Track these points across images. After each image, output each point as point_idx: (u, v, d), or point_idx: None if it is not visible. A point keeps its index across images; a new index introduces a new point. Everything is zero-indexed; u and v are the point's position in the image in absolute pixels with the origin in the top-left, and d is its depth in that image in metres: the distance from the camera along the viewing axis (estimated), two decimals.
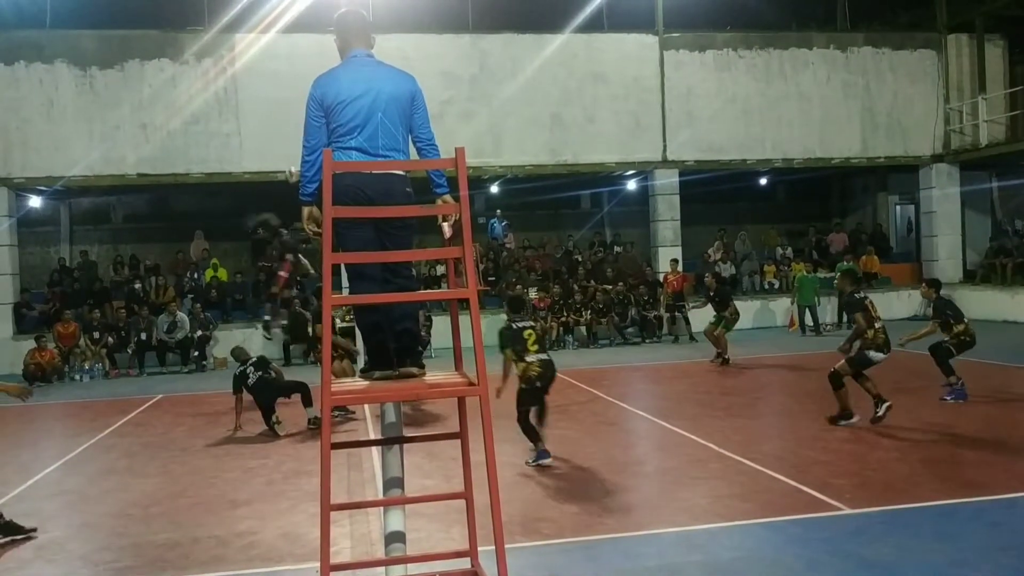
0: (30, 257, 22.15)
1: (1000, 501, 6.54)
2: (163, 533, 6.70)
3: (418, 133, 4.09)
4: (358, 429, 10.48)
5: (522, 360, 8.22)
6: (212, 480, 8.36)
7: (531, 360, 8.21)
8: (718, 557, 5.70)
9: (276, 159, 18.30)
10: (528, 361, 8.21)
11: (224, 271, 21.12)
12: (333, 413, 10.73)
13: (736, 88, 21.17)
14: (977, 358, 14.31)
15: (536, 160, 20.28)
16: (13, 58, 18.19)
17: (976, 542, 5.71)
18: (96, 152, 18.37)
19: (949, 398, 10.63)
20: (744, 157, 21.35)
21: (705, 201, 23.41)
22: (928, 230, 22.98)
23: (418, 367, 3.98)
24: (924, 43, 22.35)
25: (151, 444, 10.26)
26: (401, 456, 3.99)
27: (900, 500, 6.67)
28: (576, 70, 20.35)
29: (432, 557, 4.36)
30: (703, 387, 12.84)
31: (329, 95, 3.94)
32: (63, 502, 7.61)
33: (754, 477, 7.56)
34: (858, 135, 21.87)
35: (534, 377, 8.23)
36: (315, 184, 3.93)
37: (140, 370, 17.61)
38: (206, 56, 18.75)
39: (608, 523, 6.48)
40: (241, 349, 11.21)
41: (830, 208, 27.43)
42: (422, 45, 18.94)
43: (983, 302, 20.95)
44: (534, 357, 8.23)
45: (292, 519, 6.91)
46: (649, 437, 9.82)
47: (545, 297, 19.56)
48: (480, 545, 3.87)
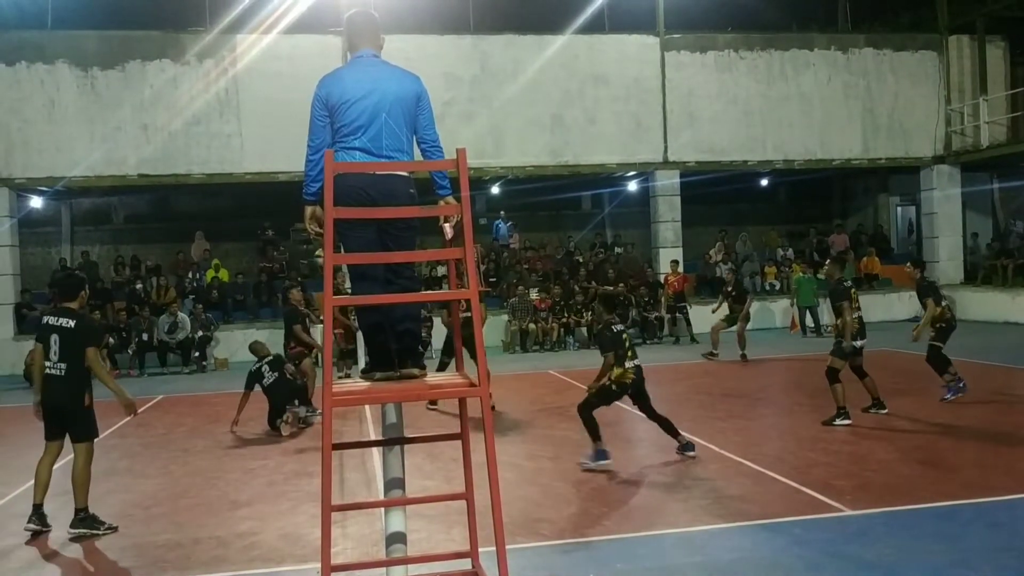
0: (31, 257, 22.17)
1: (1001, 502, 6.54)
2: (164, 534, 6.71)
3: (423, 134, 4.08)
4: (359, 430, 10.48)
5: (621, 365, 7.99)
6: (213, 481, 8.36)
7: (629, 367, 8.01)
8: (718, 558, 5.70)
9: (277, 160, 18.38)
10: (626, 367, 8.00)
11: (225, 272, 21.15)
12: (307, 410, 10.80)
13: (737, 89, 21.18)
14: (977, 359, 14.34)
15: (537, 161, 20.29)
16: (15, 58, 18.20)
17: (977, 543, 5.71)
18: (97, 152, 18.39)
19: (949, 396, 10.65)
20: (745, 158, 21.36)
21: (706, 202, 23.41)
22: (929, 231, 22.97)
23: (419, 368, 3.98)
24: (925, 44, 22.35)
25: (152, 445, 10.27)
26: (402, 457, 3.99)
27: (901, 501, 6.67)
28: (577, 71, 20.36)
29: (433, 558, 4.36)
30: (704, 388, 12.84)
31: (334, 95, 3.95)
32: (64, 503, 7.60)
33: (754, 478, 7.57)
34: (859, 136, 21.87)
35: (628, 384, 8.05)
36: (318, 184, 3.93)
37: (141, 371, 17.61)
38: (207, 57, 18.77)
39: (608, 524, 6.48)
40: (261, 344, 11.08)
41: (831, 209, 27.43)
42: (423, 46, 18.95)
43: (984, 303, 20.97)
44: (631, 364, 8.02)
45: (293, 520, 6.92)
46: (649, 438, 9.81)
47: (546, 298, 19.57)
48: (481, 546, 3.87)
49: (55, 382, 6.72)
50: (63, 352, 6.67)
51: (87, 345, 6.75)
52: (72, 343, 6.68)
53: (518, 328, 19.01)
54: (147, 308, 18.71)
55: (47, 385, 6.77)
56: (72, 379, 6.69)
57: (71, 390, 6.70)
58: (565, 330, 19.29)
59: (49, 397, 6.76)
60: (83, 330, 6.80)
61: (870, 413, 9.90)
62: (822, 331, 19.42)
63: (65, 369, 6.68)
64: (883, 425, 9.45)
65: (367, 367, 4.09)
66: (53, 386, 6.72)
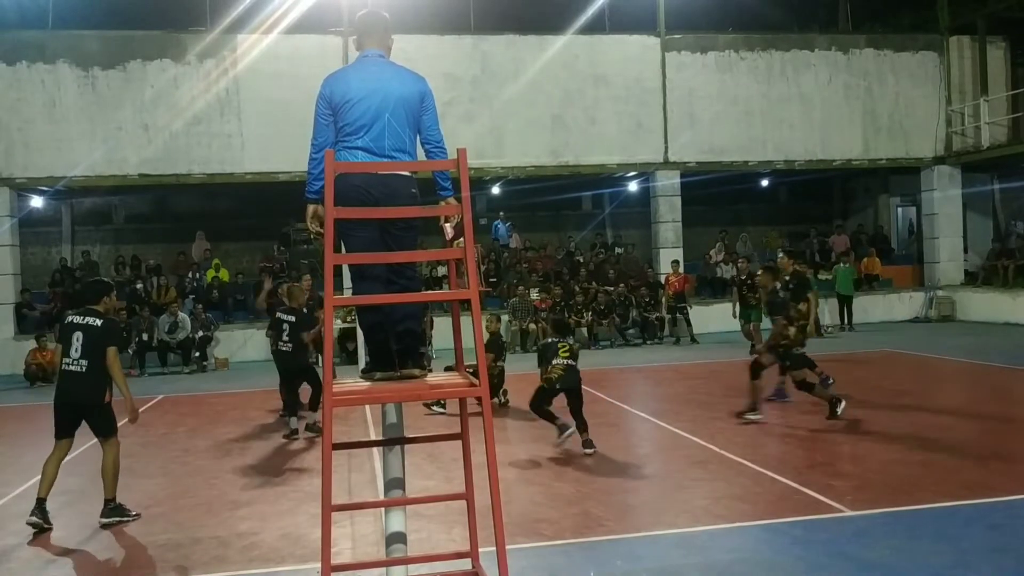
0: (32, 257, 22.20)
1: (1000, 503, 6.53)
2: (164, 534, 6.71)
3: (427, 135, 4.09)
4: (359, 430, 10.48)
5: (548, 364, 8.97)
6: (213, 481, 8.36)
7: (556, 363, 8.87)
8: (718, 559, 5.70)
9: (278, 160, 18.39)
10: (553, 364, 8.89)
11: (225, 272, 21.16)
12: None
13: (738, 90, 21.17)
14: (978, 359, 14.35)
15: (538, 161, 20.29)
16: (15, 58, 18.21)
17: (977, 544, 5.71)
18: (98, 152, 18.39)
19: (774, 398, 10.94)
20: (745, 159, 21.36)
21: (706, 203, 23.43)
22: (930, 232, 22.97)
23: (420, 368, 3.98)
24: (926, 45, 22.35)
25: (152, 444, 10.26)
26: (402, 457, 3.99)
27: (901, 502, 6.67)
28: (578, 71, 20.36)
29: (433, 558, 4.36)
30: (704, 388, 12.83)
31: (337, 94, 3.96)
32: (64, 502, 7.61)
33: (755, 479, 7.56)
34: (859, 137, 21.87)
35: (554, 380, 8.84)
36: (321, 182, 3.93)
37: (141, 370, 17.63)
38: (208, 57, 18.77)
39: (609, 524, 6.48)
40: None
41: (831, 210, 27.44)
42: (424, 46, 18.95)
43: (984, 304, 20.97)
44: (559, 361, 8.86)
45: (293, 520, 6.92)
46: (650, 438, 9.82)
47: (547, 299, 19.57)
48: (481, 546, 3.87)
49: (75, 378, 6.88)
50: (85, 349, 6.84)
51: (109, 344, 6.94)
52: (96, 341, 6.87)
53: (518, 328, 19.01)
54: (147, 308, 18.71)
55: (65, 381, 6.91)
56: (93, 375, 6.87)
57: (93, 386, 6.88)
58: None
59: (67, 393, 6.91)
60: (108, 330, 7.04)
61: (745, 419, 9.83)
62: (823, 332, 19.43)
63: (86, 366, 6.84)
64: (883, 426, 9.44)
65: (367, 367, 4.09)
66: (73, 382, 6.88)
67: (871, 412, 10.20)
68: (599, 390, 12.79)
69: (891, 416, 9.91)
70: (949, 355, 15.21)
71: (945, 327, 20.36)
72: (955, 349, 15.82)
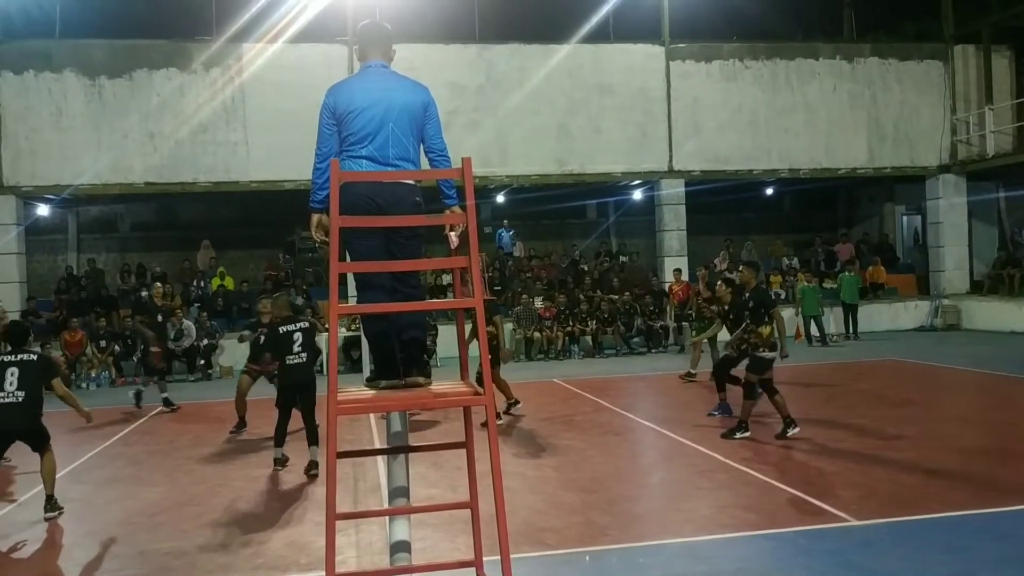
0: (37, 265, 22.27)
1: (1008, 513, 6.50)
2: (169, 542, 6.71)
3: (430, 144, 4.12)
4: (363, 438, 10.48)
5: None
6: (218, 489, 8.36)
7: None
8: (723, 568, 5.67)
9: (283, 168, 18.43)
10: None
11: (231, 280, 21.19)
12: None
13: (742, 98, 21.18)
14: (984, 368, 14.30)
15: (542, 170, 20.31)
16: (22, 67, 18.29)
17: (984, 554, 5.68)
18: (104, 161, 18.45)
19: (716, 413, 10.86)
20: (750, 167, 21.34)
21: (711, 211, 23.40)
22: (935, 241, 22.92)
23: (424, 376, 3.99)
24: (930, 53, 22.34)
25: (157, 452, 10.27)
26: (407, 466, 3.99)
27: (907, 512, 6.65)
28: (582, 80, 20.38)
29: (437, 567, 4.35)
30: (709, 398, 12.78)
31: (341, 104, 3.99)
32: (69, 510, 7.62)
33: (760, 488, 7.54)
34: (864, 145, 21.85)
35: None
36: (326, 191, 3.96)
37: (147, 379, 17.61)
38: (214, 66, 18.84)
39: (613, 533, 6.47)
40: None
41: (836, 218, 27.41)
42: (428, 55, 19.00)
43: (990, 313, 20.91)
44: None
45: (298, 528, 6.91)
46: (654, 447, 9.80)
47: (551, 306, 19.58)
48: (485, 555, 3.87)
49: (11, 409, 7.33)
50: (22, 382, 7.35)
51: (53, 377, 7.64)
52: (37, 374, 7.47)
53: (523, 336, 19.02)
54: (159, 314, 18.68)
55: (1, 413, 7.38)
56: (29, 403, 7.40)
57: (29, 414, 7.42)
58: (570, 339, 19.28)
59: (2, 423, 7.35)
60: (47, 363, 7.78)
61: (786, 437, 9.30)
62: (828, 340, 19.41)
63: (23, 396, 7.34)
64: (889, 435, 9.41)
65: (372, 375, 4.10)
66: (9, 412, 7.34)
67: (877, 421, 10.17)
68: (604, 398, 12.79)
69: (897, 425, 9.88)
70: (955, 364, 15.16)
71: (950, 336, 20.31)
72: (961, 358, 15.77)
